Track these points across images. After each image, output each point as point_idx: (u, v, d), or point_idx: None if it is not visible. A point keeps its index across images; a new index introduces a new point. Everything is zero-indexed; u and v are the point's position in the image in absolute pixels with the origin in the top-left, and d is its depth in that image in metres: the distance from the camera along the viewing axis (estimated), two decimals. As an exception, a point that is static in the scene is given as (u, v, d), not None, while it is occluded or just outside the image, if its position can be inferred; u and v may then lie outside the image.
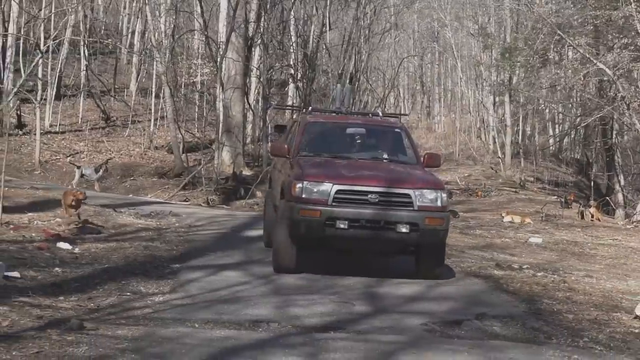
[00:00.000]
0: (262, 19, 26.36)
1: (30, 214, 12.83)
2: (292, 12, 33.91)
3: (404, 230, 8.70)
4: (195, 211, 16.68)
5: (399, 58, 49.09)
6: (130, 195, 20.85)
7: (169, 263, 9.35)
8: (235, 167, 23.75)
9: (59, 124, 28.99)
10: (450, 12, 47.97)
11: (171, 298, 7.25)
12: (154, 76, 30.65)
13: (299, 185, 8.79)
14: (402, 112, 55.85)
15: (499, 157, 36.65)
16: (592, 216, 19.79)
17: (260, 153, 26.39)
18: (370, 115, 12.33)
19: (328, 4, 33.56)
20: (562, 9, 25.31)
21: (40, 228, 11.54)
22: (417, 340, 6.04)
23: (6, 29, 24.23)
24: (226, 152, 24.28)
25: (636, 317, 7.47)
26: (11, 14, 27.01)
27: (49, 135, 27.22)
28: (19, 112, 27.47)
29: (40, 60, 24.04)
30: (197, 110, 32.17)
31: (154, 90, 30.04)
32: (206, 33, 24.41)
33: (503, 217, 18.72)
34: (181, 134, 25.02)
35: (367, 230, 8.77)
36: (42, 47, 22.53)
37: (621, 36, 24.01)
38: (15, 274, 7.59)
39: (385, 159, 10.32)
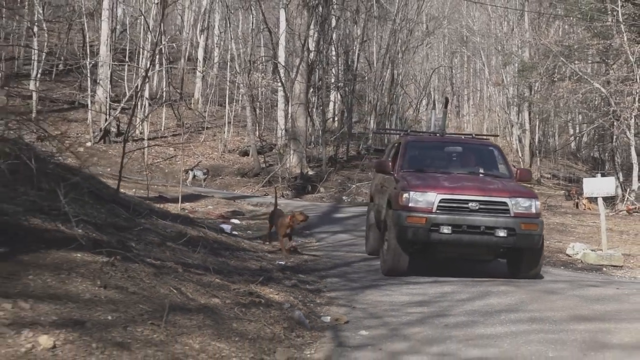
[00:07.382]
0: (321, 47, 33.34)
1: (188, 203, 20.09)
2: (334, 30, 40.96)
3: (502, 234, 9.87)
4: (287, 202, 23.95)
5: (431, 61, 55.64)
6: (225, 191, 28.11)
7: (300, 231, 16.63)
8: (301, 168, 30.80)
9: (147, 131, 36.26)
10: (478, 19, 54.38)
11: (320, 244, 14.52)
12: (227, 89, 37.73)
13: (406, 195, 10.04)
14: (438, 108, 62.49)
15: (520, 157, 43.43)
16: (585, 206, 26.58)
17: (319, 157, 33.36)
18: (471, 136, 14.18)
19: (369, 20, 40.45)
20: (567, 36, 32.39)
21: (204, 212, 18.82)
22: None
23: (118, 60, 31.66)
24: (294, 156, 31.26)
25: (566, 255, 14.69)
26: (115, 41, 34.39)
27: (143, 142, 34.29)
28: (118, 122, 34.79)
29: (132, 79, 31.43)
30: (257, 117, 39.21)
31: (227, 101, 37.15)
32: (277, 62, 31.63)
33: (513, 206, 25.74)
34: (261, 142, 32.25)
35: (469, 235, 9.92)
36: (148, 74, 29.90)
37: (616, 60, 31.02)
38: (235, 232, 14.87)
39: (482, 173, 11.49)
